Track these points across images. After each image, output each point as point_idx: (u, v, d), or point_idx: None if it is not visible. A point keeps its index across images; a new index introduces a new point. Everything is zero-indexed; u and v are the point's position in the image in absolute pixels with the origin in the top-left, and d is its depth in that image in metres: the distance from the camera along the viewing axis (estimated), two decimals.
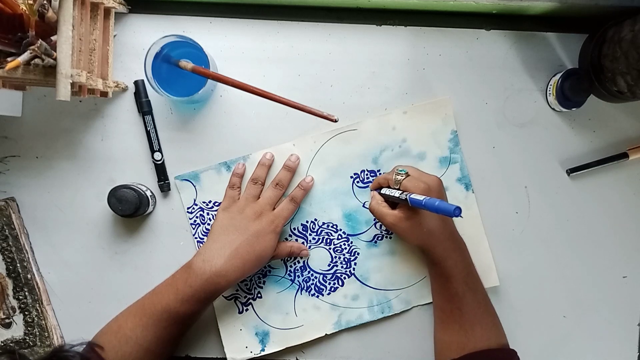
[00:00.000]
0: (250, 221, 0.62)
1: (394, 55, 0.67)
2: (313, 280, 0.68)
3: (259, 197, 0.65)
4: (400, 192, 0.59)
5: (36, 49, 0.51)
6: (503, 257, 0.68)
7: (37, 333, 0.66)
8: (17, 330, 0.66)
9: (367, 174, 0.67)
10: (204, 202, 0.67)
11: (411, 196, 0.56)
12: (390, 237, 0.68)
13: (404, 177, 0.60)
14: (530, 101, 0.68)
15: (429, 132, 0.67)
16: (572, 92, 0.63)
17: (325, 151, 0.67)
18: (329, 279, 0.68)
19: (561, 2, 0.62)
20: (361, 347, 0.68)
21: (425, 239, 0.60)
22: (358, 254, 0.68)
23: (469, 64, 0.68)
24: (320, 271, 0.68)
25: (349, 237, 0.68)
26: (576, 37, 0.67)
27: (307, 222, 0.68)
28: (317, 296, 0.68)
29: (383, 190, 0.63)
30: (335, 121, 0.57)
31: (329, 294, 0.68)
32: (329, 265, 0.68)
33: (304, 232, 0.68)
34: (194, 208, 0.67)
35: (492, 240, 0.68)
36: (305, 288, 0.68)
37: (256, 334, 0.67)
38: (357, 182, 0.67)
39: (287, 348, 0.67)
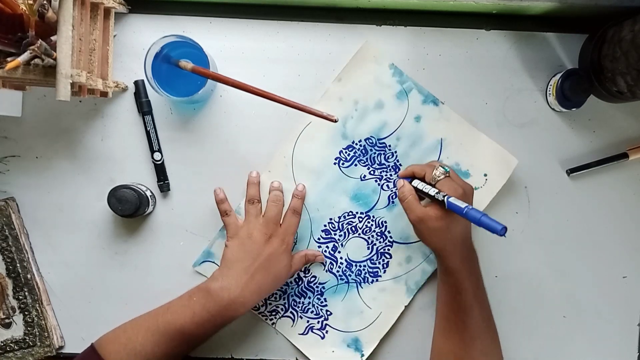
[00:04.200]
0: (262, 245, 0.62)
1: (394, 55, 0.67)
2: (363, 269, 0.68)
3: (260, 215, 0.64)
4: (436, 190, 0.57)
5: (36, 49, 0.51)
6: (503, 257, 0.68)
7: (37, 333, 0.66)
8: (17, 330, 0.66)
9: (346, 152, 0.67)
10: None
11: (450, 199, 0.55)
12: None
13: (444, 176, 0.58)
14: (530, 101, 0.68)
15: (371, 81, 0.67)
16: (572, 92, 0.63)
17: (298, 157, 0.67)
18: (376, 260, 0.68)
19: (561, 2, 0.62)
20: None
21: (447, 244, 0.59)
22: (385, 222, 0.68)
23: (469, 64, 0.68)
24: (364, 258, 0.68)
25: (368, 214, 0.68)
26: (576, 37, 0.67)
27: (325, 226, 0.68)
28: (377, 280, 0.68)
29: (416, 183, 0.61)
30: (335, 121, 0.57)
31: (384, 272, 0.68)
32: (368, 249, 0.68)
33: (329, 236, 0.68)
34: None
35: (492, 240, 0.68)
36: (362, 281, 0.68)
37: (348, 345, 0.67)
38: (342, 163, 0.67)
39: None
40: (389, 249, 0.68)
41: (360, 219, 0.68)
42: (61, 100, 0.52)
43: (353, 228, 0.68)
